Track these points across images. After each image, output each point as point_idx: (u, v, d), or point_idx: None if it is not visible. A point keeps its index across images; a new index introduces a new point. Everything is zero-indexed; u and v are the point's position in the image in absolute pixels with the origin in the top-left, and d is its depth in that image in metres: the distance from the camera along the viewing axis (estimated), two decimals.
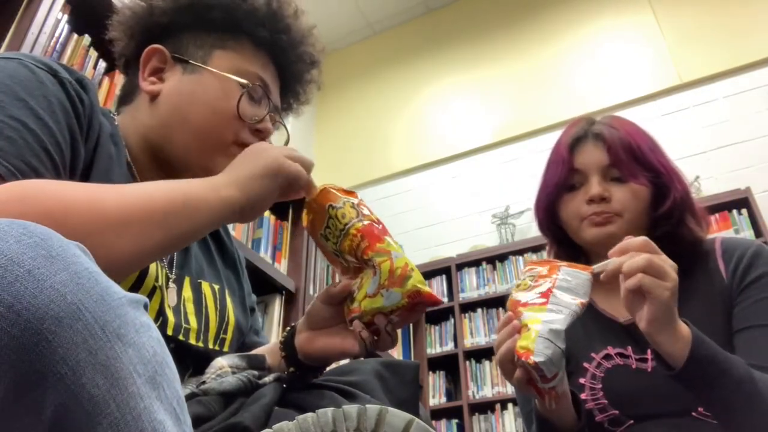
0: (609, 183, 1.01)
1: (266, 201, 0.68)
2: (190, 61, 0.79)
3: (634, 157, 1.01)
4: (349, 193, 0.72)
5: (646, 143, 1.04)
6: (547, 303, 0.79)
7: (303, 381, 0.73)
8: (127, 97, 0.83)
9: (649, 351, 0.95)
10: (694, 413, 0.89)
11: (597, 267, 0.84)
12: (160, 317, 0.72)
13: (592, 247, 1.03)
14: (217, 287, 0.85)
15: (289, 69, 0.87)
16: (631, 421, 0.94)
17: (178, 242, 0.61)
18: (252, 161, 0.67)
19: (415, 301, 0.64)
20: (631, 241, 0.81)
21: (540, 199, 1.10)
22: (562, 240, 1.10)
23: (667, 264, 0.79)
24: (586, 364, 0.99)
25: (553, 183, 1.05)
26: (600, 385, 0.96)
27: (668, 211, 0.99)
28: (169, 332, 0.72)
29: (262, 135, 0.80)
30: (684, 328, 0.80)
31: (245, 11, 0.80)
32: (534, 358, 0.74)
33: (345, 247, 0.69)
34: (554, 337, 0.76)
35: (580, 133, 1.05)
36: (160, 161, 0.78)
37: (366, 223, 0.69)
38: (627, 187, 1.00)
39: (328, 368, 0.79)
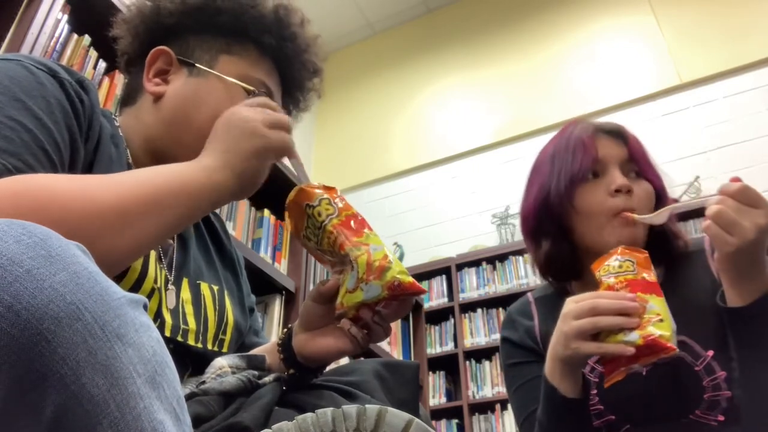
0: (629, 179, 0.98)
1: (259, 178, 0.69)
2: (197, 64, 0.79)
3: (645, 153, 1.01)
4: (328, 189, 0.72)
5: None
6: (663, 297, 0.81)
7: (303, 382, 0.73)
8: (129, 98, 0.83)
9: None
10: (691, 416, 0.88)
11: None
12: (157, 319, 0.72)
13: (609, 248, 0.93)
14: (216, 288, 0.85)
15: (291, 76, 0.88)
16: (628, 426, 0.93)
17: (174, 230, 0.62)
18: (239, 138, 0.67)
19: (396, 292, 0.64)
20: (726, 185, 0.81)
21: (549, 190, 1.01)
22: (560, 237, 1.02)
23: (744, 218, 0.77)
24: None
25: (576, 169, 0.98)
26: (595, 391, 0.95)
27: None
28: (168, 334, 0.72)
29: None
30: (759, 283, 0.82)
31: (253, 17, 0.81)
32: (675, 353, 0.76)
33: (325, 244, 0.69)
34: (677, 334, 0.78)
35: (592, 128, 1.02)
36: (160, 162, 0.78)
37: (343, 218, 0.68)
38: (643, 184, 0.98)
39: (328, 368, 0.79)
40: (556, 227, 1.01)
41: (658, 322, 0.77)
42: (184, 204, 0.60)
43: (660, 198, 1.00)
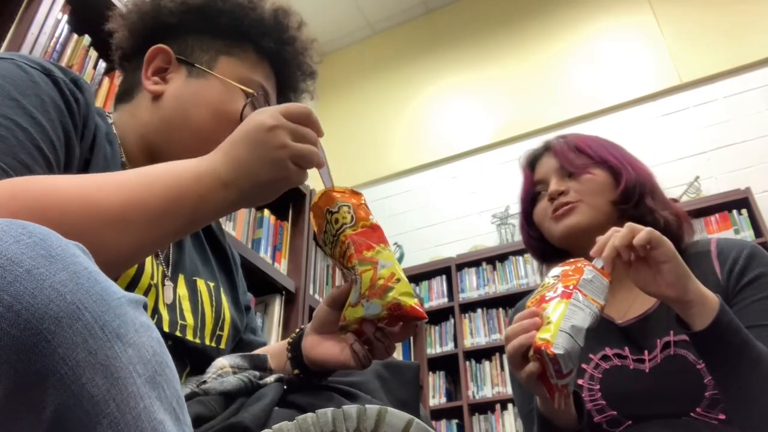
0: (567, 181, 1.10)
1: (265, 201, 0.67)
2: (196, 65, 0.79)
3: (582, 152, 1.10)
4: (353, 194, 0.69)
5: (596, 142, 1.13)
6: (570, 298, 0.79)
7: (307, 384, 0.72)
8: (125, 94, 0.82)
9: (646, 352, 0.96)
10: (692, 413, 0.89)
11: (597, 261, 0.85)
12: (155, 315, 0.72)
13: (565, 242, 1.09)
14: (212, 285, 0.85)
15: (287, 78, 0.88)
16: (630, 422, 0.94)
17: (175, 237, 0.61)
18: (260, 163, 0.62)
19: (395, 313, 0.62)
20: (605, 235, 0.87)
21: (521, 219, 1.22)
22: (547, 252, 1.17)
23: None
24: (583, 365, 0.99)
25: (523, 199, 1.19)
26: (598, 386, 0.97)
27: (623, 194, 1.05)
28: (166, 329, 0.72)
29: None
30: (711, 294, 0.83)
31: (253, 20, 0.81)
32: (554, 350, 0.73)
33: (336, 253, 0.68)
34: (575, 333, 0.76)
35: (538, 152, 1.18)
36: (155, 161, 0.78)
37: (359, 228, 0.66)
38: (581, 179, 1.08)
39: None
40: (541, 252, 1.19)
41: (545, 326, 0.78)
42: (187, 214, 0.58)
43: (616, 177, 1.07)
